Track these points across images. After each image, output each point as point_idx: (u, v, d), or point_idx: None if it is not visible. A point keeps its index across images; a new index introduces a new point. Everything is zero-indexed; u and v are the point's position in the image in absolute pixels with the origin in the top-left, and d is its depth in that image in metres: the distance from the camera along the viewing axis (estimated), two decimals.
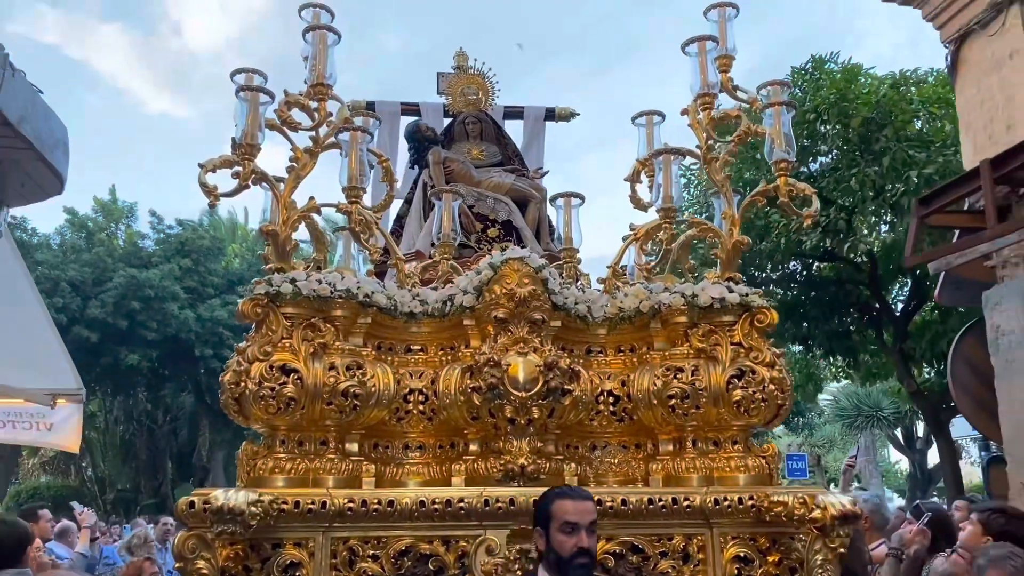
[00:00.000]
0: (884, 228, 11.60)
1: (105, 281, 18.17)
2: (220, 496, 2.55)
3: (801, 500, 2.77)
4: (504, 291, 3.13)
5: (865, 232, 11.08)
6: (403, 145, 5.58)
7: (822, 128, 10.81)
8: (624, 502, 2.92)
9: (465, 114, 5.34)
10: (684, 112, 3.48)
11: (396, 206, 5.35)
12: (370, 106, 5.68)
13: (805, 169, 11.06)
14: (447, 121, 5.71)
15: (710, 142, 3.37)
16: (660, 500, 2.93)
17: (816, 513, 2.70)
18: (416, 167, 5.20)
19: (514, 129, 6.10)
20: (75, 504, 7.16)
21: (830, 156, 11.27)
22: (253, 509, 2.54)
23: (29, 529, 4.99)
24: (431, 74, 5.73)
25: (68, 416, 7.62)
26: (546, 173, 5.44)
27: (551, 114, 6.12)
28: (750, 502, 2.94)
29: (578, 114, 6.24)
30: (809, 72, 11.46)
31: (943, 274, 5.79)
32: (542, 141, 6.07)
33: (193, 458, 22.48)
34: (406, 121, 5.67)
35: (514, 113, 6.11)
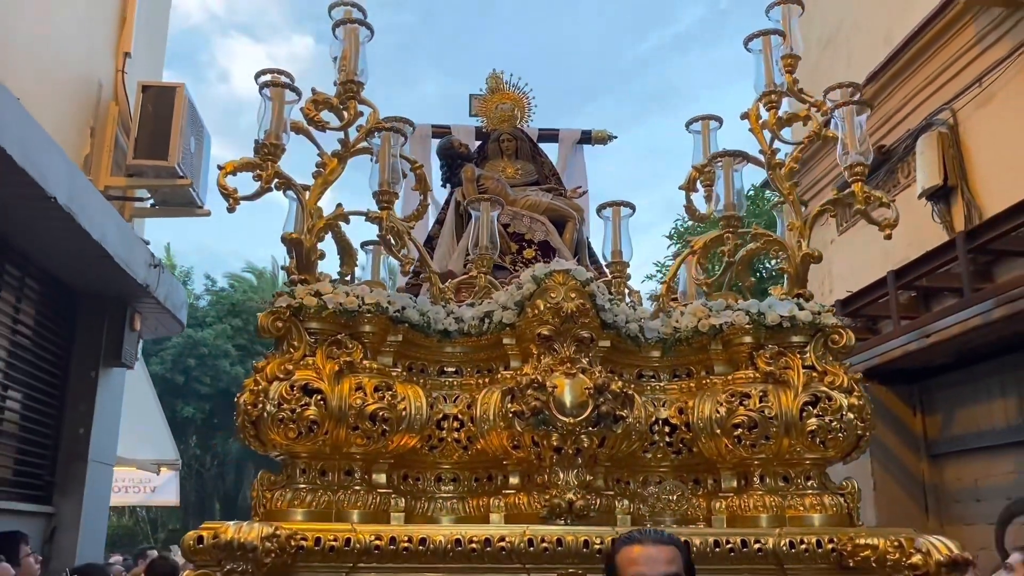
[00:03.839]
0: None
1: (164, 340, 19.38)
2: (231, 529, 2.24)
3: (896, 543, 2.40)
4: (549, 306, 2.83)
5: None
6: (435, 166, 5.33)
7: None
8: (687, 544, 2.56)
9: (499, 132, 5.09)
10: (744, 116, 3.19)
11: (427, 226, 5.09)
12: None
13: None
14: (479, 143, 5.47)
15: (775, 145, 3.07)
16: (728, 542, 2.58)
17: (916, 558, 2.33)
18: (448, 185, 4.94)
19: (550, 154, 5.85)
20: (174, 547, 8.17)
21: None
22: (268, 544, 2.22)
23: (177, 564, 5.21)
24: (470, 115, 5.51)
25: (168, 481, 11.07)
26: (584, 192, 5.15)
27: (587, 137, 5.86)
28: (830, 545, 2.58)
29: (615, 137, 5.95)
30: (750, 199, 12.99)
31: None
32: (581, 164, 5.80)
33: (239, 500, 23.29)
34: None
35: (549, 136, 5.85)
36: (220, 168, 2.88)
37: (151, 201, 7.09)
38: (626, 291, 3.32)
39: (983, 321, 5.25)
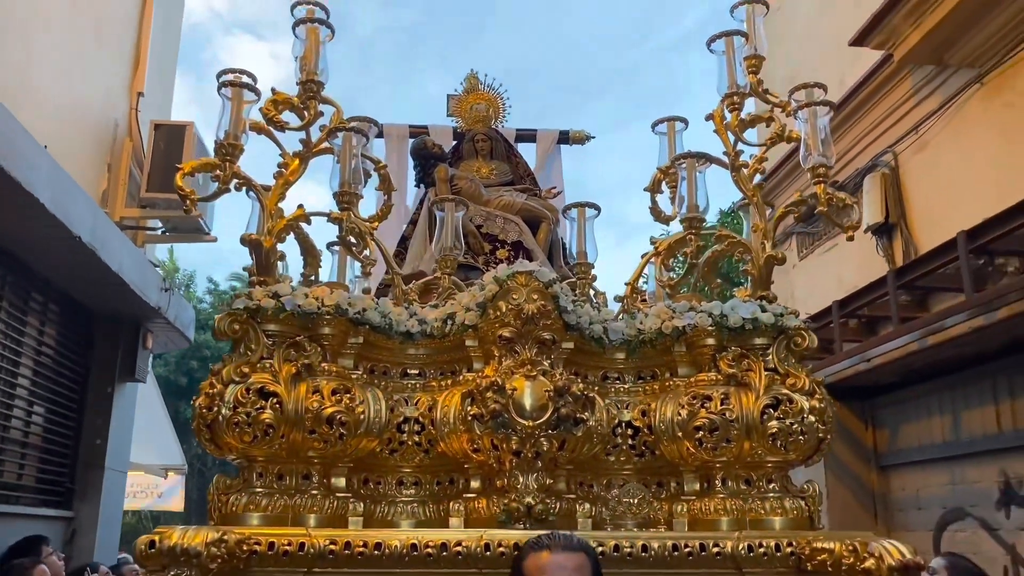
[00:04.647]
0: None
1: None
2: (176, 534, 2.21)
3: (850, 547, 2.39)
4: (510, 307, 2.81)
5: None
6: (411, 166, 5.30)
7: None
8: (645, 548, 2.54)
9: (474, 131, 5.07)
10: (709, 117, 3.17)
11: (402, 228, 5.07)
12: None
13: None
14: (455, 143, 5.44)
15: (739, 147, 3.05)
16: (686, 546, 2.56)
17: (869, 562, 2.31)
18: (422, 186, 4.91)
19: (528, 154, 5.83)
20: None
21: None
22: (214, 550, 2.19)
23: None
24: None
25: (174, 485, 11.39)
26: (559, 193, 5.13)
27: (565, 137, 5.84)
28: (788, 549, 2.56)
29: (593, 137, 5.94)
30: (731, 216, 13.69)
31: None
32: (558, 165, 5.78)
33: None
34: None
35: (526, 136, 5.83)
36: (178, 168, 2.85)
37: (162, 229, 7.73)
38: (591, 292, 3.30)
39: (919, 347, 5.76)
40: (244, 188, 2.96)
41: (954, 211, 6.22)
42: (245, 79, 3.00)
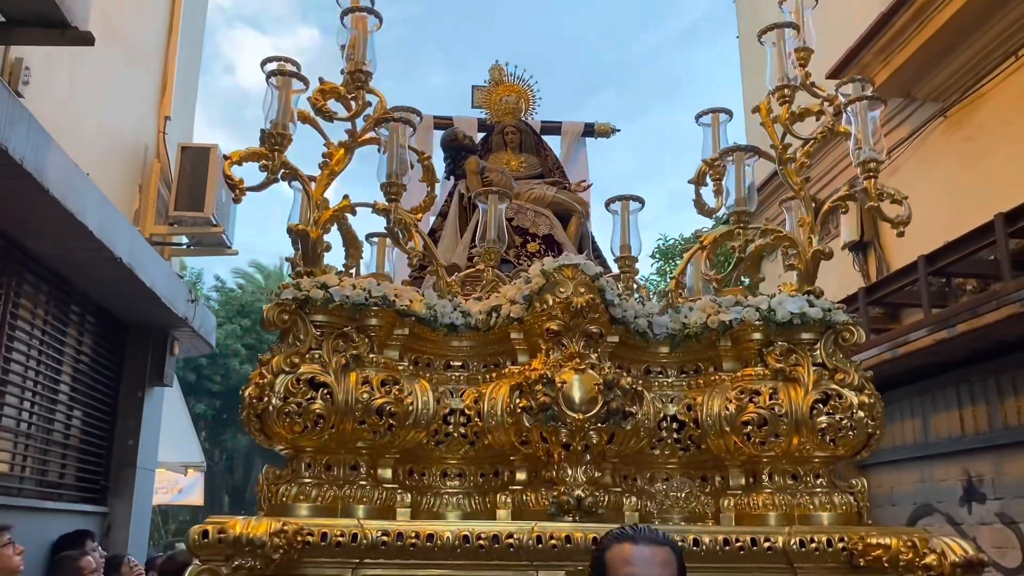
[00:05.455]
0: None
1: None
2: (239, 524, 2.21)
3: (909, 543, 2.38)
4: (558, 300, 2.80)
5: None
6: (437, 158, 5.29)
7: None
8: (696, 542, 2.54)
9: (503, 124, 5.04)
10: (756, 110, 3.16)
11: (430, 221, 5.05)
12: None
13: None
14: (482, 136, 5.42)
15: (787, 140, 3.03)
16: (737, 540, 2.55)
17: (930, 559, 2.30)
18: (452, 178, 4.89)
19: (551, 146, 5.81)
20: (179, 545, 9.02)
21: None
22: (276, 540, 2.19)
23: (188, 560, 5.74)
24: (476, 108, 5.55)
25: (194, 482, 11.57)
26: (589, 186, 5.11)
27: (590, 130, 5.81)
28: (841, 544, 2.55)
29: (618, 130, 5.91)
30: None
31: None
32: (584, 158, 5.76)
33: (247, 494, 24.23)
34: (440, 136, 5.38)
35: (551, 129, 5.80)
36: (226, 158, 2.84)
37: (187, 244, 8.22)
38: (634, 286, 3.29)
39: (891, 356, 6.25)
40: (289, 179, 2.96)
41: (921, 233, 6.84)
42: (290, 67, 2.99)
